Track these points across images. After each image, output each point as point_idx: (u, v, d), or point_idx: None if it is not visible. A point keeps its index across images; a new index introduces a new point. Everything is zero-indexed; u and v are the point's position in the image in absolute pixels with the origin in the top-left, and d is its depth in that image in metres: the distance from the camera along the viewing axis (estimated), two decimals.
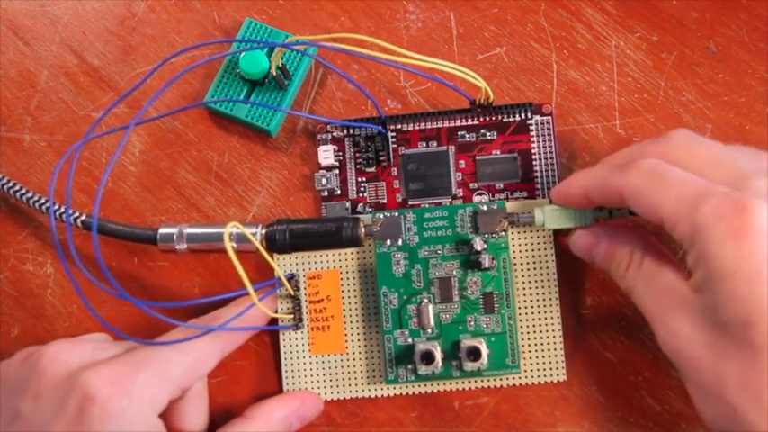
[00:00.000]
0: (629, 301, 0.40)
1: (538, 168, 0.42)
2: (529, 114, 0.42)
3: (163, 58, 0.44)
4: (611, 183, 0.35)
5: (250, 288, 0.35)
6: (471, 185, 0.42)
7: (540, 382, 0.40)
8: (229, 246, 0.35)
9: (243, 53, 0.42)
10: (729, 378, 0.31)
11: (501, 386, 0.41)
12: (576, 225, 0.39)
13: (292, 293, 0.41)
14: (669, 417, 0.40)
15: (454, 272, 0.40)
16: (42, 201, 0.41)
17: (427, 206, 0.42)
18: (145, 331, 0.42)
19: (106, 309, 0.42)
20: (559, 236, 0.41)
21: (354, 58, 0.44)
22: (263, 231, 0.39)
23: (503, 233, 0.39)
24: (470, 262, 0.40)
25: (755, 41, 0.43)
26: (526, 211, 0.39)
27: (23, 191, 0.42)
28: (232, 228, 0.38)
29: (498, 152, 0.42)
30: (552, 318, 0.40)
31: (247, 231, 0.38)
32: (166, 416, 0.39)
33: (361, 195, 0.42)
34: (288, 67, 0.43)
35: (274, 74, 0.42)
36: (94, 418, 0.34)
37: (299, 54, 0.43)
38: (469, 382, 0.40)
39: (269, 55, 0.42)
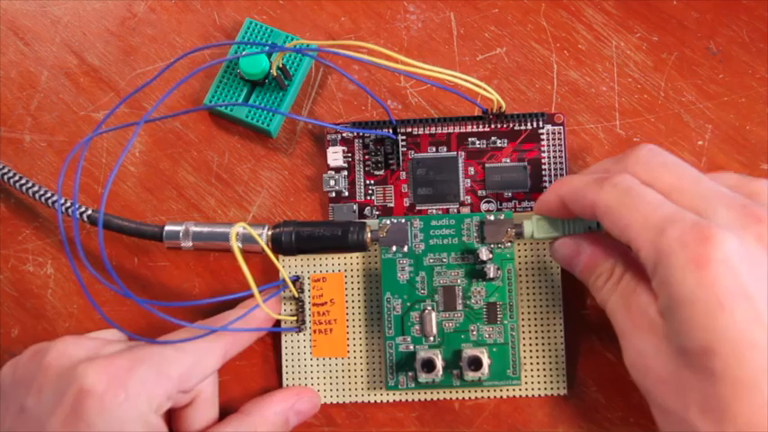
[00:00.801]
0: None
1: (547, 178, 0.42)
2: (541, 123, 0.42)
3: (163, 59, 0.45)
4: (585, 196, 0.35)
5: (254, 289, 0.35)
6: (479, 193, 0.42)
7: (539, 395, 0.40)
8: (236, 245, 0.35)
9: (244, 53, 0.42)
10: (691, 402, 0.31)
11: (500, 396, 0.41)
12: (565, 235, 0.39)
13: (296, 295, 0.41)
14: None
15: (459, 281, 0.40)
16: (49, 194, 0.41)
17: (435, 212, 0.42)
18: (145, 331, 0.42)
19: (106, 309, 0.42)
20: None
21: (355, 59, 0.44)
22: (270, 232, 0.40)
23: (509, 244, 0.39)
24: (475, 271, 0.39)
25: (756, 42, 0.43)
26: (517, 222, 0.39)
27: (30, 184, 0.42)
28: (239, 227, 0.38)
29: (508, 160, 0.42)
30: (555, 330, 0.40)
31: (254, 232, 0.38)
32: (174, 422, 0.39)
33: (368, 198, 0.42)
34: (288, 67, 0.43)
35: (275, 74, 0.42)
36: (90, 412, 0.34)
37: (300, 55, 0.43)
38: (469, 391, 0.40)
39: (269, 56, 0.42)
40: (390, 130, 0.41)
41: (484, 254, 0.39)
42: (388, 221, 0.40)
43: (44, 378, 0.36)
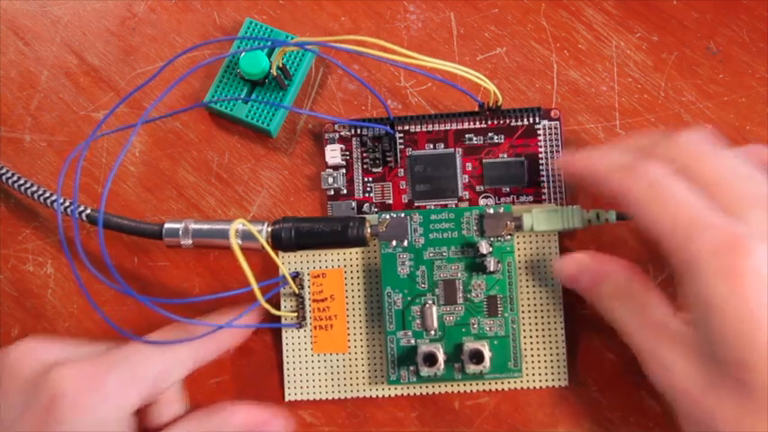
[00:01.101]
0: None
1: (544, 173, 0.42)
2: (537, 119, 0.42)
3: (163, 59, 0.45)
4: (612, 182, 0.35)
5: (255, 286, 0.35)
6: (477, 188, 0.42)
7: (541, 387, 0.40)
8: (235, 242, 0.35)
9: (243, 53, 0.42)
10: (722, 415, 0.31)
11: (502, 389, 0.41)
12: (565, 227, 0.39)
13: (296, 292, 0.41)
14: (669, 417, 0.40)
15: (459, 274, 0.40)
16: (48, 194, 0.41)
17: (433, 208, 0.42)
18: (145, 331, 0.42)
19: (106, 308, 0.42)
20: (564, 240, 0.41)
21: (354, 58, 0.44)
22: (269, 229, 0.40)
23: (508, 237, 0.39)
24: (475, 265, 0.39)
25: (756, 42, 0.43)
26: (516, 215, 0.39)
27: (28, 184, 0.41)
28: (239, 224, 0.38)
29: (505, 155, 0.42)
30: (555, 322, 0.40)
31: (254, 228, 0.38)
32: (141, 421, 0.39)
33: (367, 195, 0.42)
34: (288, 67, 0.43)
35: (275, 74, 0.42)
36: (64, 415, 0.34)
37: (300, 54, 0.43)
38: (471, 384, 0.40)
39: (269, 55, 0.42)
40: (388, 126, 0.42)
41: (484, 247, 0.39)
42: (388, 216, 0.40)
43: (9, 381, 0.36)
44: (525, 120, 0.42)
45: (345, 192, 0.42)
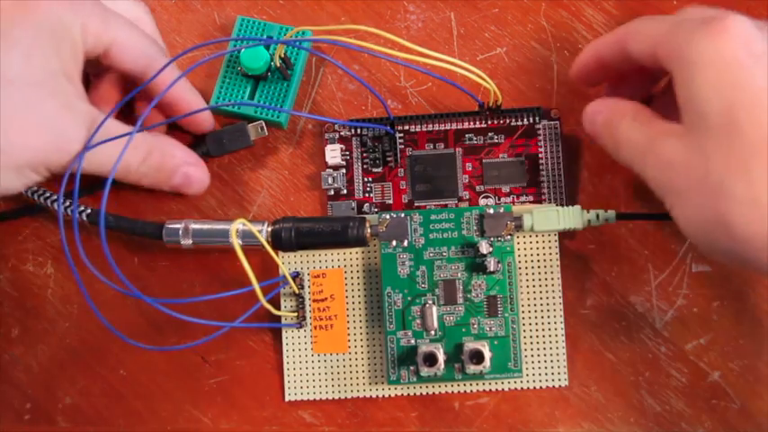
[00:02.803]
0: (629, 300, 0.40)
1: (544, 172, 0.42)
2: (537, 119, 0.42)
3: None
4: (616, 34, 0.37)
5: (256, 286, 0.35)
6: (477, 188, 0.42)
7: (541, 387, 0.40)
8: (236, 242, 0.35)
9: (243, 49, 0.42)
10: (715, 162, 0.32)
11: (502, 389, 0.41)
12: (565, 227, 0.39)
13: (297, 291, 0.41)
14: (669, 417, 0.40)
15: (459, 274, 0.40)
16: (48, 194, 0.41)
17: (433, 208, 0.42)
18: (145, 332, 0.42)
19: (106, 308, 0.42)
20: (564, 240, 0.41)
21: (355, 58, 0.44)
22: (269, 229, 0.40)
23: (509, 237, 0.39)
24: (475, 265, 0.39)
25: None
26: (516, 215, 0.40)
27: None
28: (239, 224, 0.38)
29: (505, 155, 0.42)
30: (555, 322, 0.40)
31: (254, 228, 0.38)
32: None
33: (367, 195, 0.42)
34: (289, 55, 0.43)
35: (278, 65, 0.42)
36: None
37: (298, 45, 0.43)
38: (471, 384, 0.41)
39: (268, 48, 0.42)
40: (388, 126, 0.42)
41: (484, 247, 0.39)
42: (388, 216, 0.40)
43: None
44: (525, 120, 0.42)
45: (345, 192, 0.42)
